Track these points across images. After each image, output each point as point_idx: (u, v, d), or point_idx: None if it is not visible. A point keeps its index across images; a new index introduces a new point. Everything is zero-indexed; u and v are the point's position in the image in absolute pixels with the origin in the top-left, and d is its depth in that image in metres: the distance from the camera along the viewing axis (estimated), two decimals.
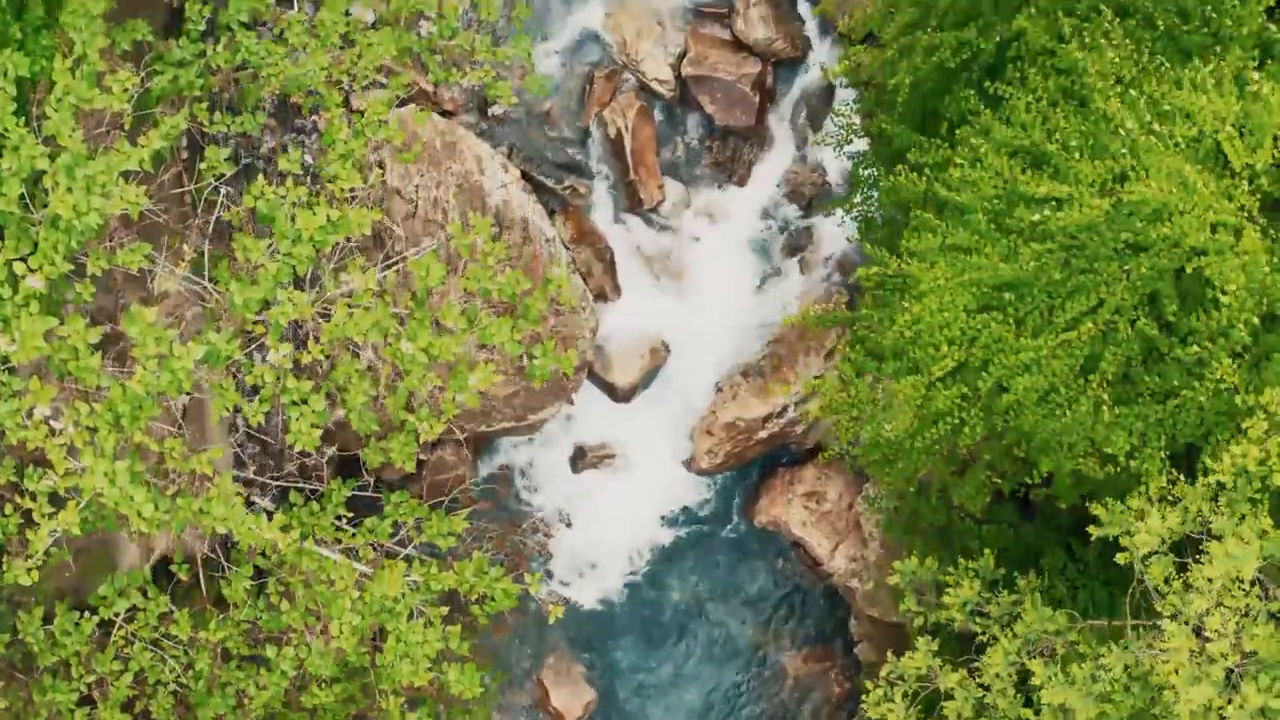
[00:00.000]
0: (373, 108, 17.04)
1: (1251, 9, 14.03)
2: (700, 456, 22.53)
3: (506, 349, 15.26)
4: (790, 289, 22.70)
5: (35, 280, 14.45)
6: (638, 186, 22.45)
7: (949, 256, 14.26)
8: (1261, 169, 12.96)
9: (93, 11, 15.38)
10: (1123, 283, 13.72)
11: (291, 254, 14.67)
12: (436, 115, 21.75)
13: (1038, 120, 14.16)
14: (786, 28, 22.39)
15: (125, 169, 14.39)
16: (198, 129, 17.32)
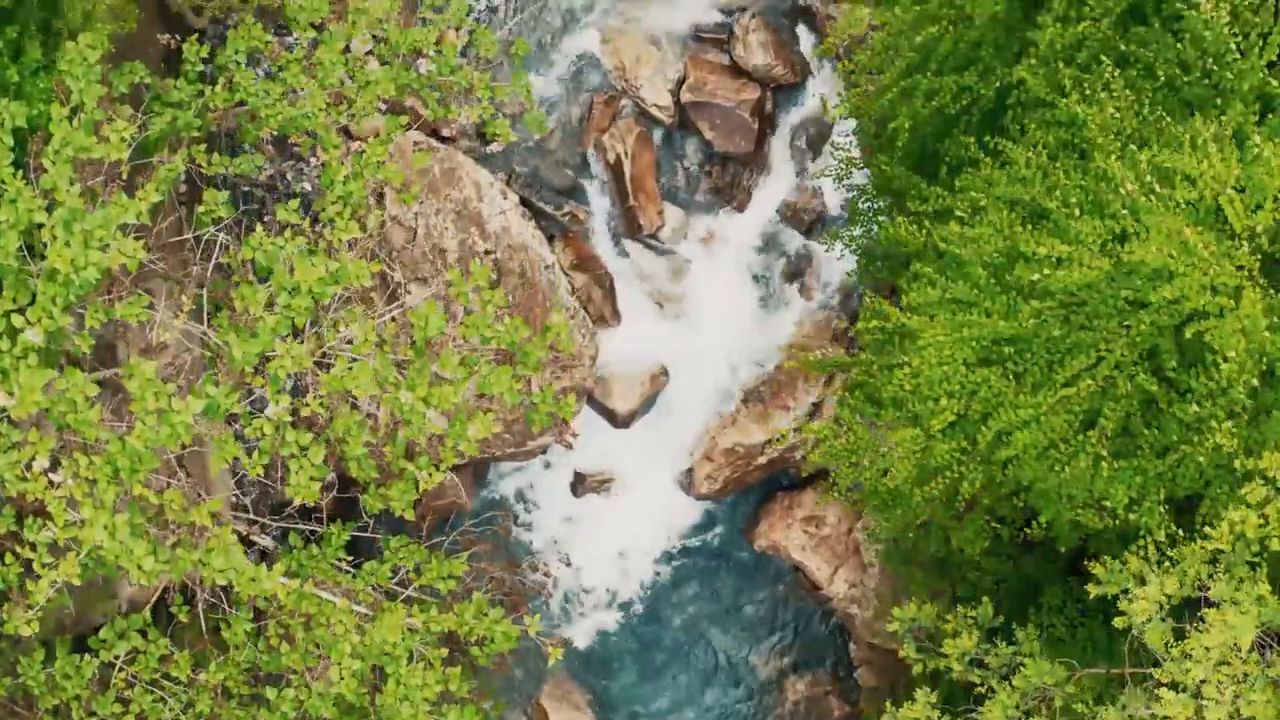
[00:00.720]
0: (371, 149, 17.00)
1: (1253, 63, 13.98)
2: (700, 482, 22.54)
3: (506, 399, 15.25)
4: (790, 314, 22.69)
5: (34, 334, 14.44)
6: (637, 212, 22.42)
7: (948, 309, 14.24)
8: (1262, 230, 12.93)
9: (90, 60, 15.33)
10: (1123, 338, 13.70)
11: (290, 306, 14.65)
12: (435, 142, 21.72)
13: (1038, 175, 14.13)
14: (786, 53, 22.33)
15: (123, 222, 14.37)
16: (196, 170, 17.28)
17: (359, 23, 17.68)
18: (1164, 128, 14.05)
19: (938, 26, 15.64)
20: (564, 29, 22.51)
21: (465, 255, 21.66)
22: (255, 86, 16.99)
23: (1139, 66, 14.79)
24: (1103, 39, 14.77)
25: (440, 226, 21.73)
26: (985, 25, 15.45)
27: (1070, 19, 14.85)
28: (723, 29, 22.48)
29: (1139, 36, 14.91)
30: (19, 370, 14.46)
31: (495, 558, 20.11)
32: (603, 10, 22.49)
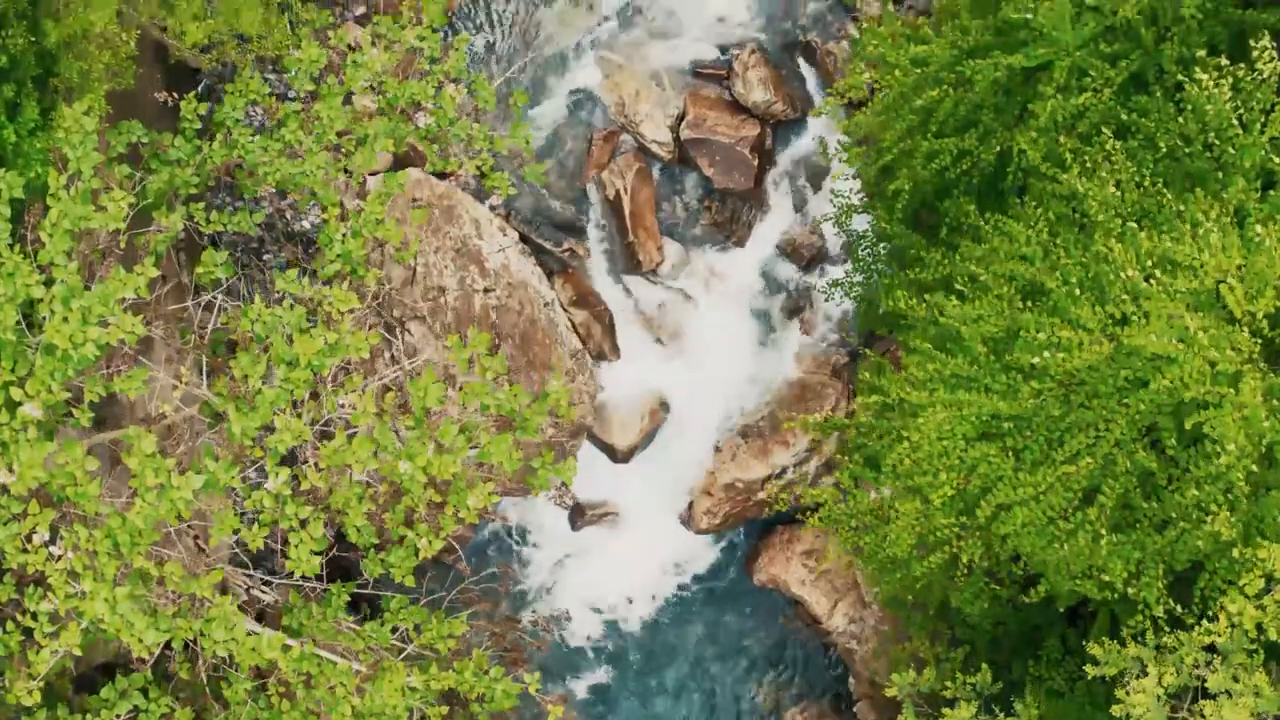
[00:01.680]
0: (370, 207, 16.96)
1: (1255, 139, 13.93)
2: (699, 516, 22.57)
3: (505, 468, 15.25)
4: (790, 349, 22.67)
5: (32, 408, 14.44)
6: (636, 248, 22.38)
7: (948, 385, 14.23)
8: (1262, 315, 12.92)
9: (86, 127, 15.29)
10: (1123, 417, 13.70)
11: (289, 379, 14.64)
12: (435, 179, 21.67)
13: (1039, 251, 14.10)
14: (785, 90, 22.25)
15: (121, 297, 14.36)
16: (194, 226, 17.23)
17: (357, 76, 17.61)
18: (1165, 204, 14.00)
19: (939, 90, 15.57)
20: (564, 65, 22.43)
21: (465, 293, 21.64)
22: (253, 144, 16.93)
23: (1140, 137, 14.75)
24: (1104, 109, 14.72)
25: (439, 264, 21.70)
26: (986, 89, 15.38)
27: (1071, 88, 14.79)
28: (722, 65, 22.39)
29: (1140, 106, 14.86)
30: (18, 444, 14.48)
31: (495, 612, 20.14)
32: (603, 46, 22.40)
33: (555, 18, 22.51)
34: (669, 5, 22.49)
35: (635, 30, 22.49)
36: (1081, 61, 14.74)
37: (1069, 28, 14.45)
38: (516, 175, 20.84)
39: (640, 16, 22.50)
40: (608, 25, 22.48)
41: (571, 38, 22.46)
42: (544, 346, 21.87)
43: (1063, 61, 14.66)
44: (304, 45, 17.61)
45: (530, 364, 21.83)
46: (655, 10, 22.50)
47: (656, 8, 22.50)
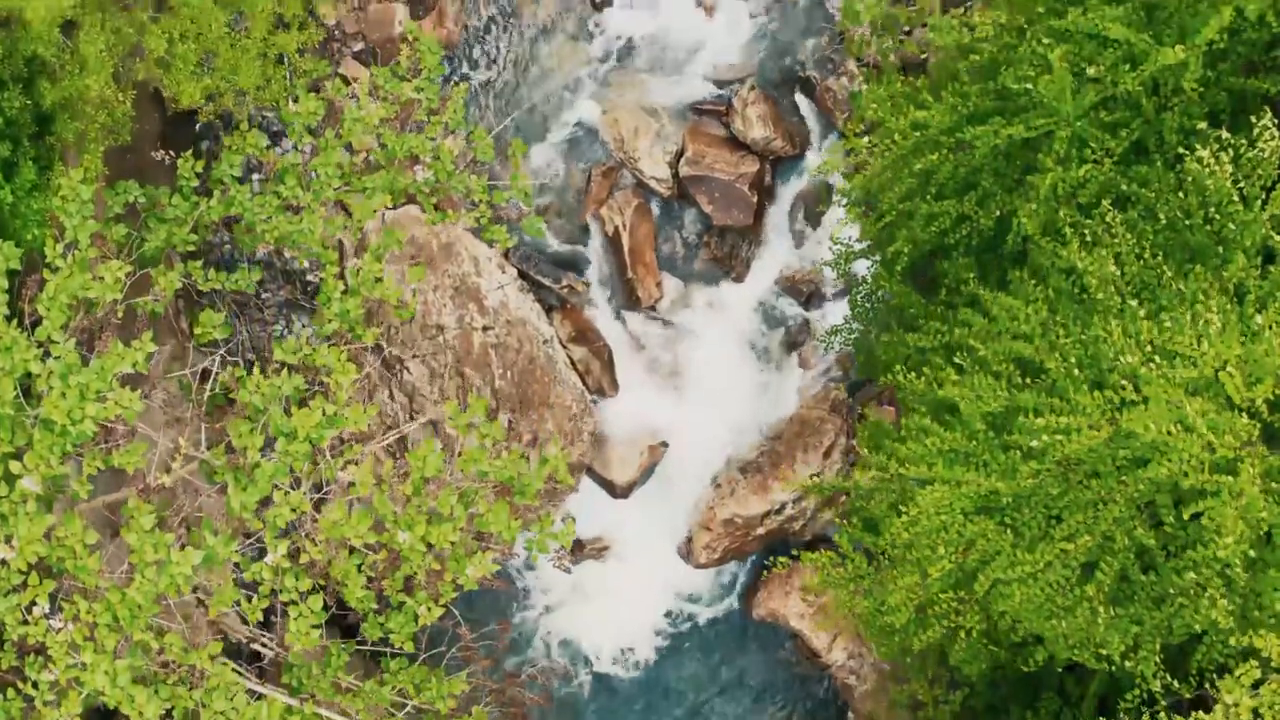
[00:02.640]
0: (367, 266, 16.92)
1: (1255, 215, 13.90)
2: (698, 551, 22.59)
3: (504, 537, 15.27)
4: (789, 384, 22.67)
5: (31, 481, 14.45)
6: (635, 284, 22.35)
7: (946, 459, 14.23)
8: (1261, 402, 12.91)
9: (83, 196, 15.26)
10: (1121, 494, 13.71)
11: (288, 451, 14.64)
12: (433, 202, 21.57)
13: (1038, 330, 14.08)
14: (784, 126, 22.18)
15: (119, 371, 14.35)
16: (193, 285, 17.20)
17: (355, 130, 17.56)
18: (1165, 280, 13.98)
19: (938, 154, 15.52)
20: (563, 100, 22.36)
21: (464, 331, 21.63)
22: (251, 202, 16.90)
23: (1140, 207, 14.71)
24: (1104, 180, 14.68)
25: (438, 302, 21.68)
26: (986, 154, 15.33)
27: (1071, 159, 14.74)
28: (721, 101, 22.32)
29: (1140, 176, 14.81)
30: (18, 517, 14.49)
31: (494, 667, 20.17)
32: (601, 81, 22.33)
33: (554, 53, 22.45)
34: (668, 41, 22.43)
35: (634, 66, 22.43)
36: (1082, 131, 14.68)
37: (1069, 99, 14.39)
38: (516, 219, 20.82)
39: (639, 52, 22.44)
40: (606, 61, 22.43)
41: (570, 73, 22.40)
42: (543, 384, 21.87)
43: (1063, 132, 14.60)
44: (301, 98, 17.57)
45: (529, 402, 21.83)
46: (654, 46, 22.44)
47: (655, 43, 22.44)
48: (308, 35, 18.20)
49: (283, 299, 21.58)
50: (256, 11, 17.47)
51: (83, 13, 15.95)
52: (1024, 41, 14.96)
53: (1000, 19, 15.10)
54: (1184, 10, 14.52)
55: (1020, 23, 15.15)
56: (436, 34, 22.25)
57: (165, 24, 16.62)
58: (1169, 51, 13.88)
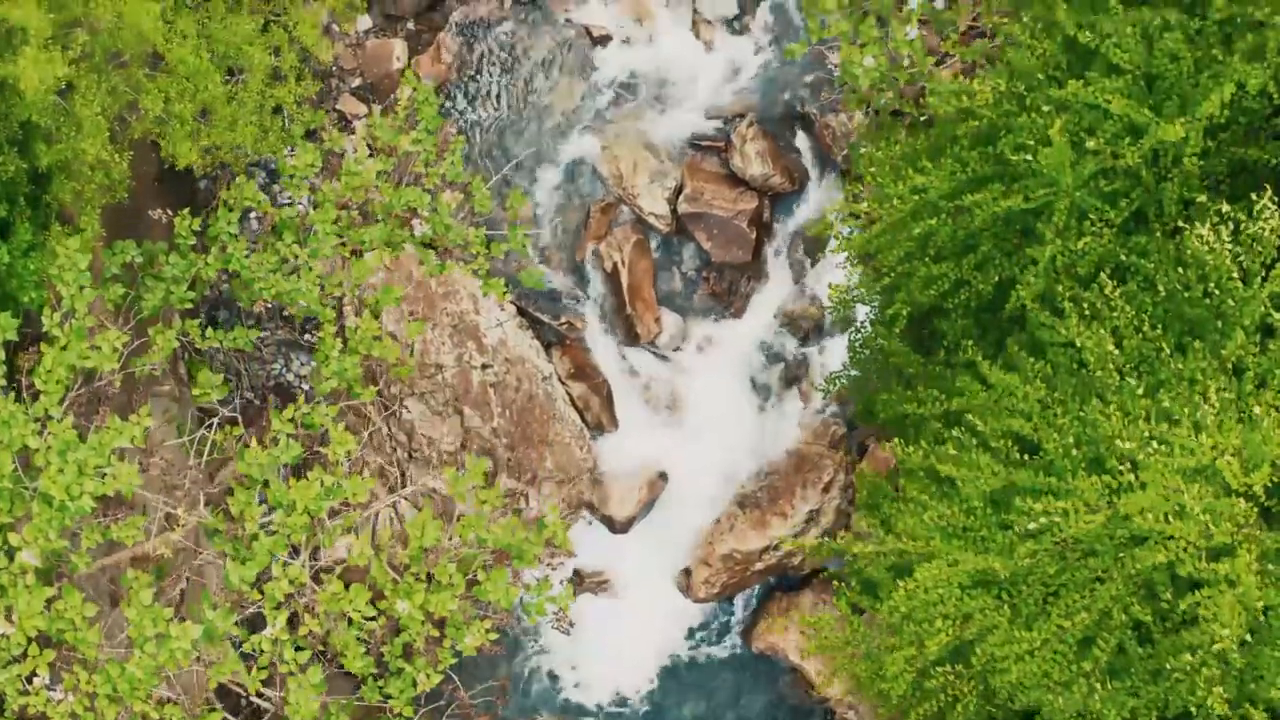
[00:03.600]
0: (365, 325, 16.91)
1: (1254, 292, 13.86)
2: (697, 586, 22.62)
3: (501, 605, 15.30)
4: (788, 419, 22.65)
5: (30, 554, 14.47)
6: (634, 320, 22.32)
7: (944, 534, 14.25)
8: (1259, 488, 12.91)
9: (79, 265, 15.24)
10: (1119, 572, 13.72)
11: (287, 524, 14.66)
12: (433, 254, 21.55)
13: (1036, 408, 14.07)
14: (783, 162, 22.11)
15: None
16: (190, 344, 17.20)
17: (352, 184, 17.53)
18: (1163, 359, 13.96)
19: (937, 219, 15.47)
20: (561, 136, 22.29)
21: (463, 369, 21.61)
22: (248, 260, 16.87)
23: (1139, 278, 14.67)
24: (1103, 251, 14.64)
25: (437, 341, 21.67)
26: (985, 218, 15.28)
27: (1070, 229, 14.70)
28: (720, 137, 22.25)
29: (1139, 246, 14.77)
30: (17, 589, 14.52)
31: None
32: (600, 117, 22.26)
33: (552, 88, 22.36)
34: (667, 76, 22.35)
35: (633, 101, 22.35)
36: (1081, 202, 14.63)
37: (1069, 171, 14.33)
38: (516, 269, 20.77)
39: (638, 87, 22.36)
40: (605, 96, 22.35)
41: (569, 108, 22.32)
42: (542, 422, 21.87)
43: (1062, 203, 14.55)
44: (299, 150, 17.53)
45: (528, 440, 21.83)
46: (653, 81, 22.36)
47: (654, 79, 22.36)
48: (304, 88, 18.11)
49: (281, 338, 21.56)
50: (253, 65, 17.38)
51: (78, 74, 15.87)
52: (1024, 111, 14.89)
53: (1000, 86, 15.03)
54: (1184, 81, 14.45)
55: (1020, 89, 15.07)
56: (434, 69, 22.18)
57: (161, 82, 16.55)
58: (1170, 128, 13.82)
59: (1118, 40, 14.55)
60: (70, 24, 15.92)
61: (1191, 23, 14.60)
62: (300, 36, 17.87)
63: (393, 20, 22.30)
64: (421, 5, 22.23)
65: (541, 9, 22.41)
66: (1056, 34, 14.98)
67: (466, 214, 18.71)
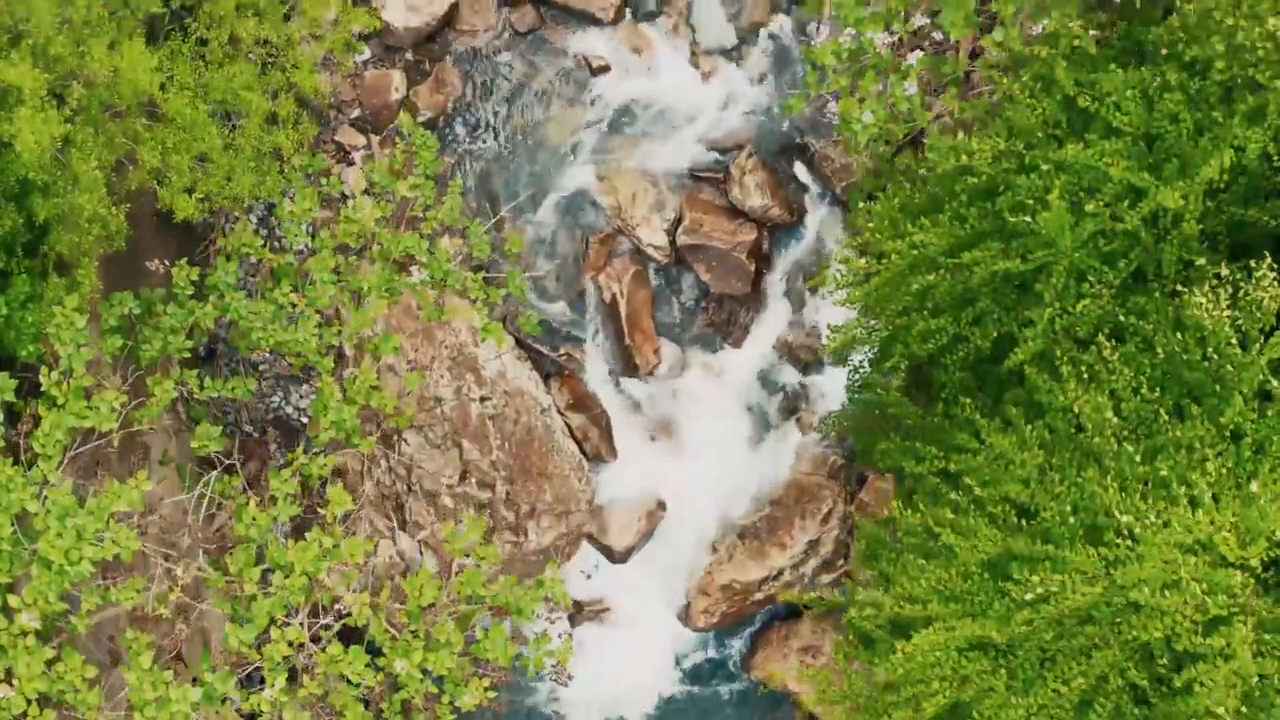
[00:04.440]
0: (363, 374, 16.91)
1: (1253, 358, 13.84)
2: (696, 615, 22.67)
3: (499, 662, 15.34)
4: (787, 449, 22.65)
5: (29, 617, 14.51)
6: (633, 351, 22.30)
7: (942, 597, 14.27)
8: (1256, 561, 12.93)
9: (77, 324, 15.24)
10: (1116, 638, 13.74)
11: (285, 585, 14.68)
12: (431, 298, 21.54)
13: (1034, 474, 14.08)
14: (782, 194, 22.07)
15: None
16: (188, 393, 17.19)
17: (350, 230, 17.50)
18: (1161, 424, 13.96)
19: (935, 274, 15.44)
20: (560, 166, 22.24)
21: (461, 402, 21.60)
22: (246, 309, 16.86)
23: (1138, 340, 14.65)
24: (1102, 312, 14.62)
25: (435, 374, 21.65)
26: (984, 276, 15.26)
27: (1069, 291, 14.68)
28: (719, 168, 22.20)
29: (1138, 306, 14.75)
30: (17, 650, 14.56)
31: None
32: (599, 148, 22.20)
33: (551, 118, 22.30)
34: (666, 107, 22.28)
35: (632, 132, 22.29)
36: (1080, 263, 14.61)
37: (1068, 234, 14.30)
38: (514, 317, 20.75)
39: (637, 118, 22.30)
40: (604, 126, 22.28)
41: (568, 139, 22.26)
42: (541, 454, 21.87)
43: (1061, 265, 14.53)
44: (297, 195, 17.51)
45: (527, 472, 21.84)
46: (652, 112, 22.29)
47: (653, 109, 22.29)
48: (302, 131, 18.07)
49: (279, 370, 21.54)
50: (250, 110, 17.34)
51: (74, 128, 15.83)
52: (1023, 171, 14.85)
53: (999, 144, 14.98)
54: (1184, 142, 14.41)
55: (1019, 147, 15.03)
56: (433, 100, 22.12)
57: (158, 132, 16.50)
58: (1169, 194, 13.79)
59: (1117, 101, 14.51)
60: (66, 76, 15.91)
61: (1192, 82, 14.56)
62: (298, 81, 17.81)
63: (391, 51, 22.22)
64: (420, 36, 22.13)
65: (541, 40, 22.35)
66: (1056, 92, 14.93)
67: (464, 258, 18.66)
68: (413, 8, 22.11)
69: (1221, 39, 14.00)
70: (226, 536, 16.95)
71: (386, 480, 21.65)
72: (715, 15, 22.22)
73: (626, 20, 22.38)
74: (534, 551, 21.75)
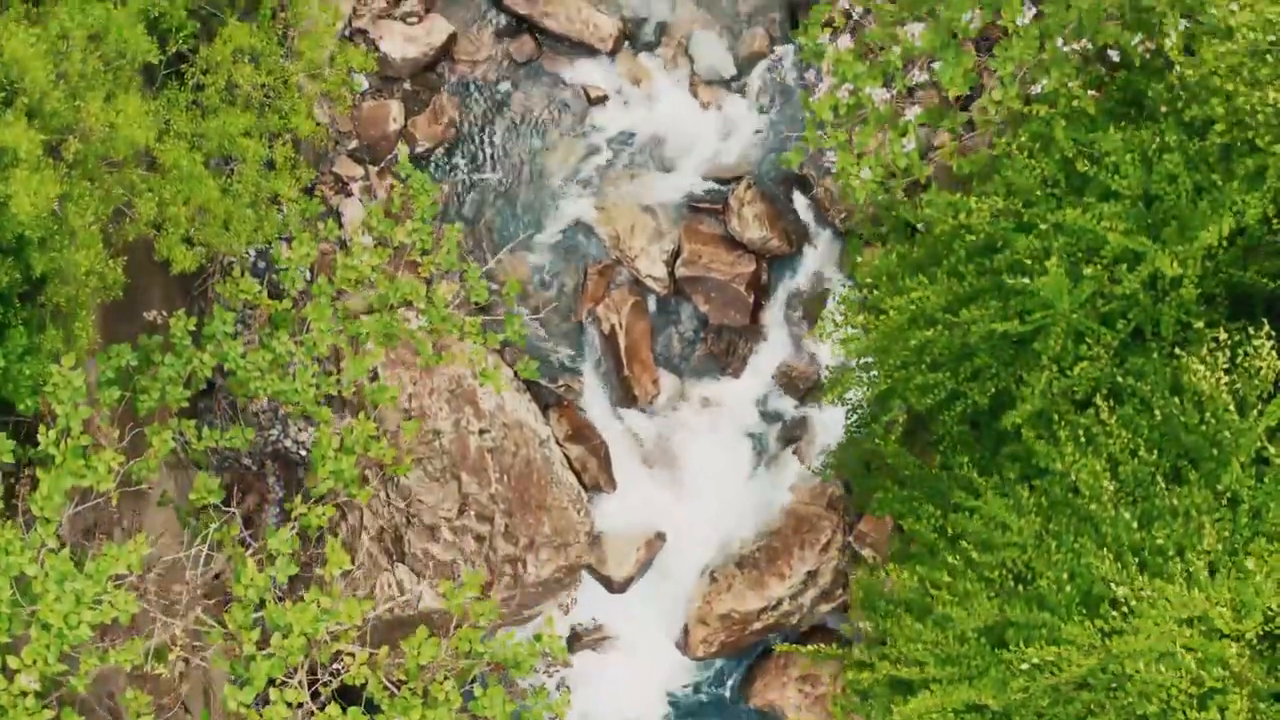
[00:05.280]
0: (360, 425, 16.91)
1: (1251, 425, 13.84)
2: (695, 645, 22.71)
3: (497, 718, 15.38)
4: (786, 479, 22.66)
5: (29, 678, 14.54)
6: (632, 382, 22.30)
7: (938, 659, 14.30)
8: (1250, 634, 12.96)
9: (74, 383, 15.23)
10: (1112, 704, 13.78)
11: (283, 646, 14.71)
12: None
13: (1032, 541, 14.10)
14: (781, 225, 22.03)
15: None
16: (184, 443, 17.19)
17: (347, 278, 17.47)
18: (1158, 491, 13.97)
19: (933, 330, 15.43)
20: (558, 197, 22.20)
21: (460, 435, 21.61)
22: (244, 360, 16.84)
23: (1136, 401, 14.65)
24: (1099, 375, 14.62)
25: (434, 407, 21.65)
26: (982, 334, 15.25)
27: (1067, 352, 14.67)
28: (718, 199, 22.16)
29: (1136, 367, 14.74)
30: (17, 711, 14.60)
31: None
32: (598, 178, 22.16)
33: (550, 149, 22.26)
34: (664, 137, 22.24)
35: (630, 162, 22.25)
36: (1078, 324, 14.59)
37: (1066, 297, 14.29)
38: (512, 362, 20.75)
39: (635, 148, 22.26)
40: (603, 158, 22.24)
41: (566, 169, 22.22)
42: (540, 487, 21.89)
43: (1058, 327, 14.51)
44: (295, 240, 17.49)
45: (526, 505, 21.86)
46: (650, 142, 22.25)
47: (652, 140, 22.25)
48: (299, 176, 18.03)
49: (278, 404, 21.53)
50: (247, 157, 17.29)
51: (71, 182, 15.79)
52: (1021, 231, 14.83)
53: (997, 204, 14.95)
54: (1184, 204, 14.38)
55: (1017, 206, 15.00)
56: (432, 131, 22.08)
57: (155, 184, 16.47)
58: (1167, 262, 13.77)
59: (1116, 163, 14.48)
60: (62, 130, 15.86)
61: (1191, 143, 14.52)
62: (296, 126, 17.77)
63: (389, 81, 22.16)
64: (418, 66, 22.07)
65: (539, 70, 22.29)
66: (1054, 151, 14.89)
67: (462, 301, 18.63)
68: (410, 38, 22.07)
69: (1221, 101, 13.95)
70: (227, 583, 16.95)
71: (385, 513, 21.68)
72: (714, 46, 22.16)
73: (625, 50, 22.32)
74: (533, 584, 21.80)
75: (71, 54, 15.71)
